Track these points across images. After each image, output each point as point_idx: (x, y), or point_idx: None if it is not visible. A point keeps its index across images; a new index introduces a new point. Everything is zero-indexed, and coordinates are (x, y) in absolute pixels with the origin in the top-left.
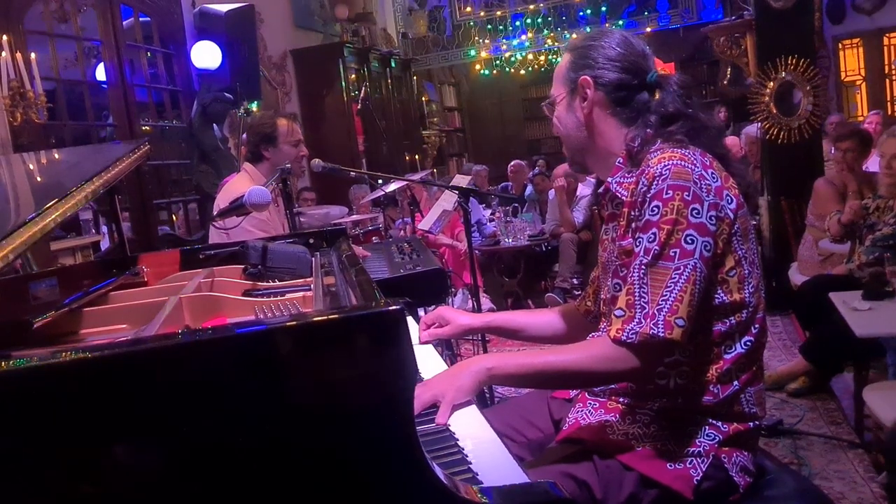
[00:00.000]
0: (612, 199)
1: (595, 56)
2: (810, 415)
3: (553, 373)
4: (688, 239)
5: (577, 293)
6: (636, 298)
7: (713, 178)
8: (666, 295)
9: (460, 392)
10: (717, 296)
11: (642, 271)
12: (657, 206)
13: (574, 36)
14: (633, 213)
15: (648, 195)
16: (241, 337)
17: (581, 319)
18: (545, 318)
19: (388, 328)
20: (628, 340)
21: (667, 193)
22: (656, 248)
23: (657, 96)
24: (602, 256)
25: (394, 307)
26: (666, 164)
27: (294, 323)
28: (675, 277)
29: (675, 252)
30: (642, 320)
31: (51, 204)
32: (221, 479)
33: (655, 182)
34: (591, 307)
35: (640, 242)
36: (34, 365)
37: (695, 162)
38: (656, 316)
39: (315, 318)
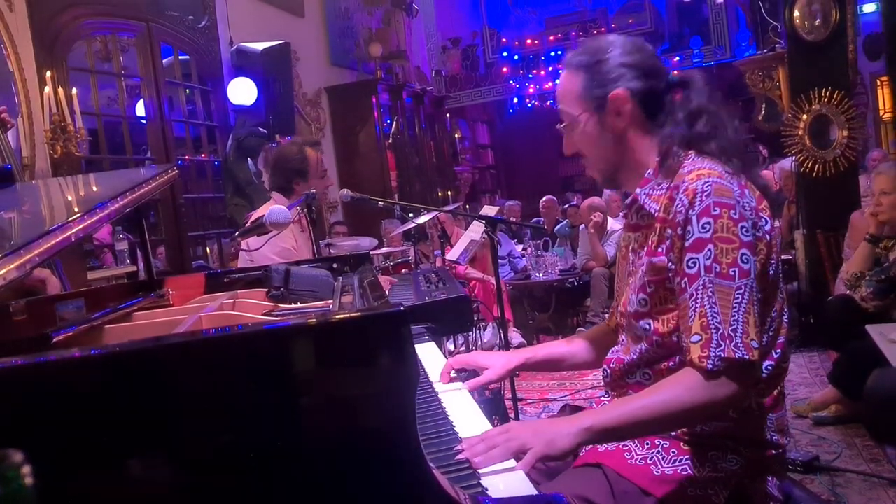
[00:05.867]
0: (638, 210)
1: (616, 67)
2: (848, 451)
3: (655, 416)
4: (743, 258)
5: None
6: (710, 319)
7: (749, 198)
8: (735, 315)
9: (551, 447)
10: None
11: (710, 290)
12: (708, 223)
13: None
14: (670, 232)
15: (692, 213)
16: (244, 336)
17: (614, 337)
18: (582, 344)
19: (389, 329)
20: (714, 369)
21: (714, 210)
22: (716, 265)
23: (679, 95)
24: (621, 265)
25: (395, 308)
26: (706, 180)
27: (298, 324)
28: (737, 297)
29: (735, 271)
30: (721, 342)
31: (73, 218)
32: (223, 474)
33: (698, 199)
34: (621, 321)
35: (695, 263)
36: (52, 361)
37: (732, 181)
38: (733, 337)
39: (318, 320)
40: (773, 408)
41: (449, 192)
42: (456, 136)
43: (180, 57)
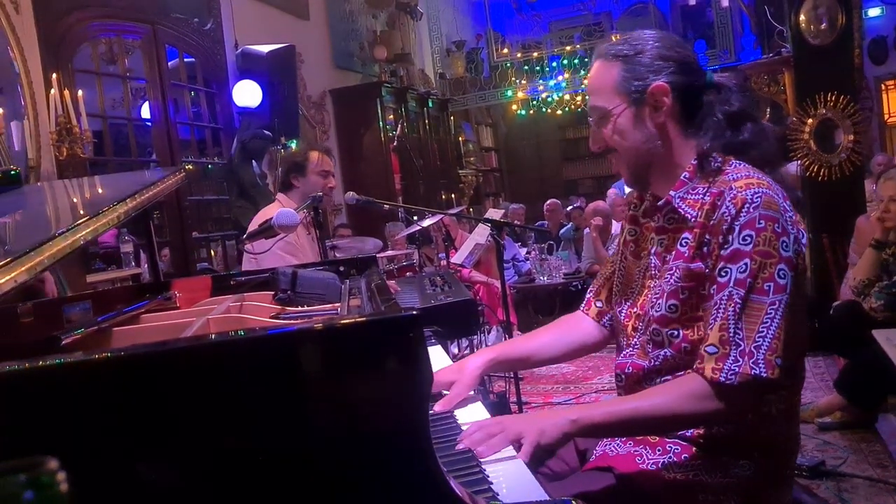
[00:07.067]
0: (668, 213)
1: (656, 59)
2: (854, 457)
3: (643, 418)
4: (780, 273)
5: None
6: (731, 334)
7: (791, 210)
8: (763, 331)
9: (543, 435)
10: None
11: (737, 305)
12: (749, 236)
13: (603, 42)
14: (709, 238)
15: (737, 223)
16: (253, 340)
17: (590, 326)
18: (551, 337)
19: (402, 334)
20: (728, 382)
21: (759, 223)
22: (749, 279)
23: (716, 96)
24: (632, 263)
25: (408, 313)
26: (756, 191)
27: (313, 328)
28: (770, 313)
29: (770, 286)
30: (739, 358)
31: (81, 221)
32: (232, 480)
33: (745, 209)
34: (604, 308)
35: (727, 273)
36: (61, 363)
37: (777, 192)
38: (755, 354)
39: (329, 324)
40: (788, 415)
41: (453, 195)
42: (460, 138)
43: (185, 59)
